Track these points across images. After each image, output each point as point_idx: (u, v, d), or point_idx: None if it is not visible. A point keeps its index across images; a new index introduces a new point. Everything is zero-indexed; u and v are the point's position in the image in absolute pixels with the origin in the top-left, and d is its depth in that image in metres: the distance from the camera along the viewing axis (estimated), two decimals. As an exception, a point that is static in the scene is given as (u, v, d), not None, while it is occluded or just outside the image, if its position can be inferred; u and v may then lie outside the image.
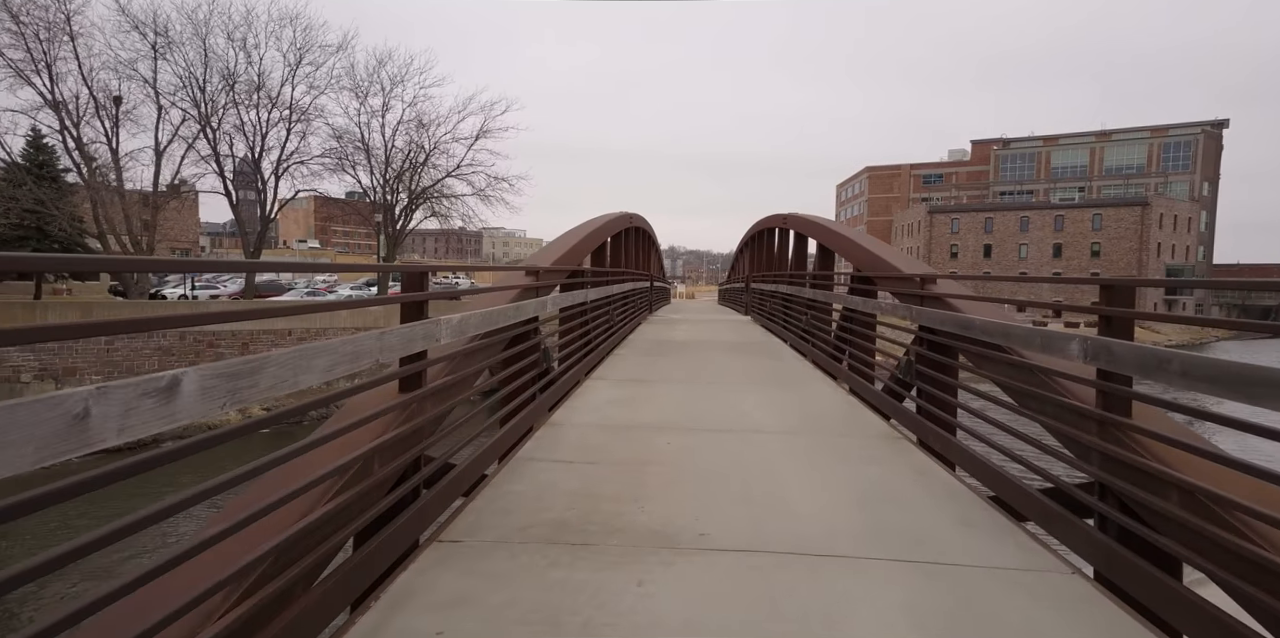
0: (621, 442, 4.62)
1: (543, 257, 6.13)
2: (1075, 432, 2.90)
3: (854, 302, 6.88)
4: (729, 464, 4.12)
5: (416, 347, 2.61)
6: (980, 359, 3.95)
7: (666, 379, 7.38)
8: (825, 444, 4.71)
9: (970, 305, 4.33)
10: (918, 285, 5.05)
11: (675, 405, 5.91)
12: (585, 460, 4.14)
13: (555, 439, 4.66)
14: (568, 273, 6.58)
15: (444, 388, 3.10)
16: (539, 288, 5.06)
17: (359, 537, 2.60)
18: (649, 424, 5.15)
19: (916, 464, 4.24)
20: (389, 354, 2.31)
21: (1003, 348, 3.62)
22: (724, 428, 5.10)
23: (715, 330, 13.83)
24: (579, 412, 5.61)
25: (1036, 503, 3.13)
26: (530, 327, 4.92)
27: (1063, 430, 3.00)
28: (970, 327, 3.92)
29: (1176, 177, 71.37)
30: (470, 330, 3.29)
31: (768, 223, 15.19)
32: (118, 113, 25.97)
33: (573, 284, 7.09)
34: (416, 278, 2.75)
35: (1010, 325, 3.46)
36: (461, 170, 35.39)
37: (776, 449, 4.50)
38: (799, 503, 3.45)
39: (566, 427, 5.05)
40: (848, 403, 6.25)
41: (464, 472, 3.39)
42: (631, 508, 3.31)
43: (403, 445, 2.66)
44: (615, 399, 6.19)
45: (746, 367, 8.47)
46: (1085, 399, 2.90)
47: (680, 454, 4.33)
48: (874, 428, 5.26)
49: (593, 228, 8.29)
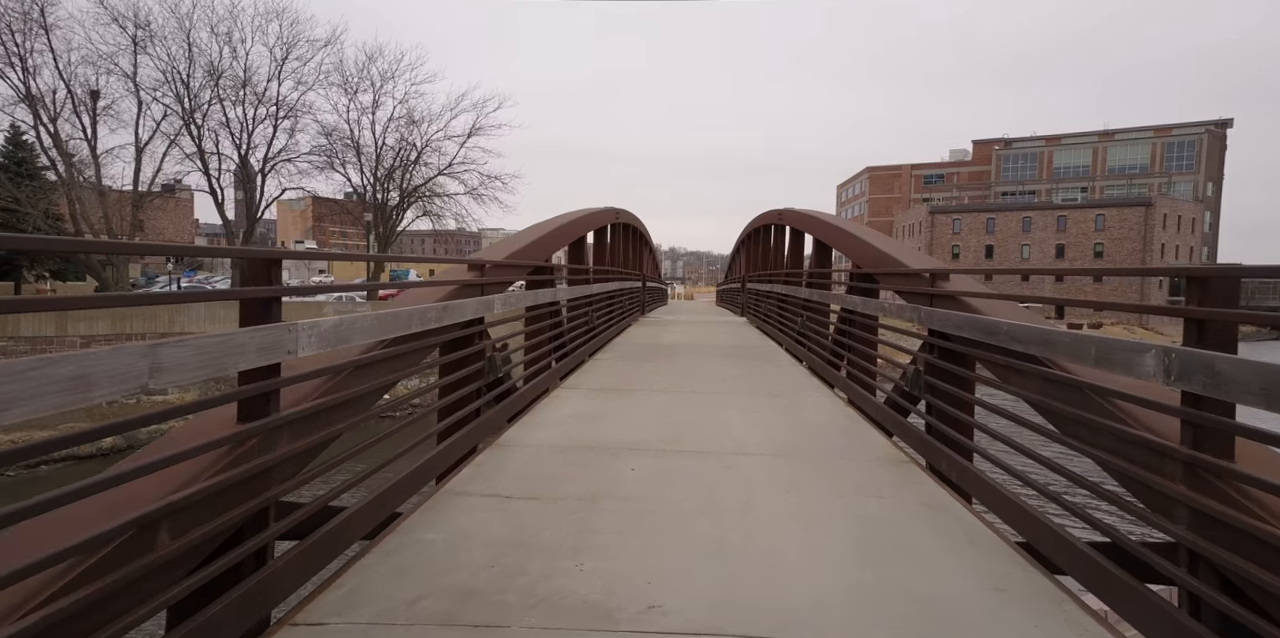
0: (577, 468, 3.89)
1: (496, 250, 5.41)
2: (1147, 474, 2.17)
3: (853, 302, 6.15)
4: (702, 499, 3.39)
5: (247, 361, 1.88)
6: (1007, 372, 3.22)
7: (646, 388, 6.65)
8: (819, 470, 3.98)
9: (992, 306, 3.60)
10: (927, 282, 4.33)
11: (650, 420, 5.18)
12: (526, 495, 3.41)
13: (499, 465, 3.93)
14: (530, 268, 5.85)
15: (318, 412, 2.38)
16: (485, 285, 4.33)
17: (173, 618, 1.88)
18: (615, 445, 4.42)
19: (927, 497, 3.51)
20: (169, 378, 1.58)
21: (1039, 359, 2.89)
22: (703, 449, 4.37)
23: (708, 333, 13.11)
24: (538, 428, 4.88)
25: (1086, 560, 2.40)
26: (472, 330, 4.19)
27: (1126, 471, 2.28)
28: (995, 331, 3.19)
29: (1180, 177, 70.62)
30: (359, 337, 2.56)
31: (763, 220, 14.46)
32: (95, 108, 25.25)
33: (540, 282, 6.37)
34: (260, 267, 2.02)
35: (1051, 331, 2.73)
36: (454, 168, 34.70)
37: (761, 478, 3.78)
38: (783, 556, 2.73)
39: (517, 448, 4.32)
40: (846, 416, 5.52)
41: (358, 515, 2.66)
42: (568, 565, 2.59)
43: (237, 493, 1.94)
44: (583, 413, 5.46)
45: (737, 374, 7.74)
46: (1162, 432, 2.17)
47: (645, 485, 3.61)
48: (875, 448, 4.53)
49: (567, 220, 7.55)
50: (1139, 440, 2.23)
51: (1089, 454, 2.53)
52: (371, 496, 2.80)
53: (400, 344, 3.12)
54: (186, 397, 23.49)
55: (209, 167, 29.26)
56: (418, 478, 3.39)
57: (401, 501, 3.17)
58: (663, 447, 4.39)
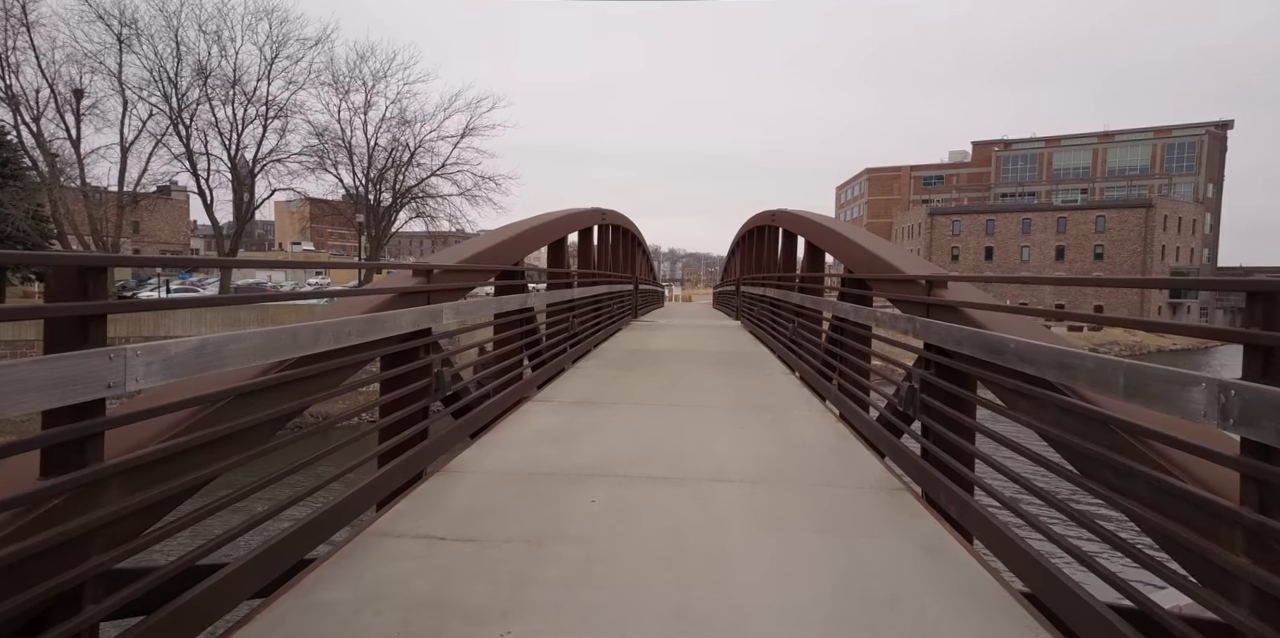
0: (530, 500, 3.45)
1: (452, 253, 4.96)
2: (1194, 537, 1.74)
3: (844, 310, 5.72)
4: (667, 542, 2.95)
5: (32, 402, 1.44)
6: (1014, 397, 2.79)
7: (624, 400, 6.21)
8: (804, 501, 3.54)
9: (998, 319, 3.17)
10: (923, 290, 3.90)
11: (623, 439, 4.75)
12: (464, 535, 2.96)
13: (440, 496, 3.49)
14: (497, 272, 5.41)
15: (178, 453, 1.94)
16: (432, 292, 3.90)
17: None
18: (579, 469, 3.98)
19: (924, 537, 3.07)
20: None
21: (1054, 385, 2.46)
22: (676, 474, 3.93)
23: (699, 338, 12.68)
24: (496, 449, 4.45)
25: (1106, 628, 1.97)
26: (417, 342, 3.76)
27: (1164, 529, 1.84)
28: (1001, 350, 2.75)
29: (1180, 178, 70.23)
30: (238, 360, 2.12)
31: (757, 221, 14.04)
32: (79, 107, 24.79)
33: (511, 287, 5.94)
34: (70, 278, 1.58)
35: (1069, 352, 2.29)
36: (447, 169, 34.25)
37: (739, 512, 3.34)
38: (757, 620, 2.29)
39: (467, 474, 3.88)
40: (837, 434, 5.08)
41: (241, 573, 2.22)
42: (490, 635, 2.15)
43: (34, 567, 1.51)
44: (551, 430, 5.02)
45: (725, 383, 7.30)
46: (1216, 485, 1.74)
47: (603, 523, 3.17)
48: (868, 472, 4.10)
49: (543, 221, 7.11)
50: (1182, 494, 1.79)
51: (1115, 503, 2.09)
52: (265, 546, 2.36)
53: (311, 363, 2.68)
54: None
55: (197, 167, 28.81)
56: (342, 513, 2.96)
57: (314, 545, 2.74)
58: (631, 471, 3.95)
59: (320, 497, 3.18)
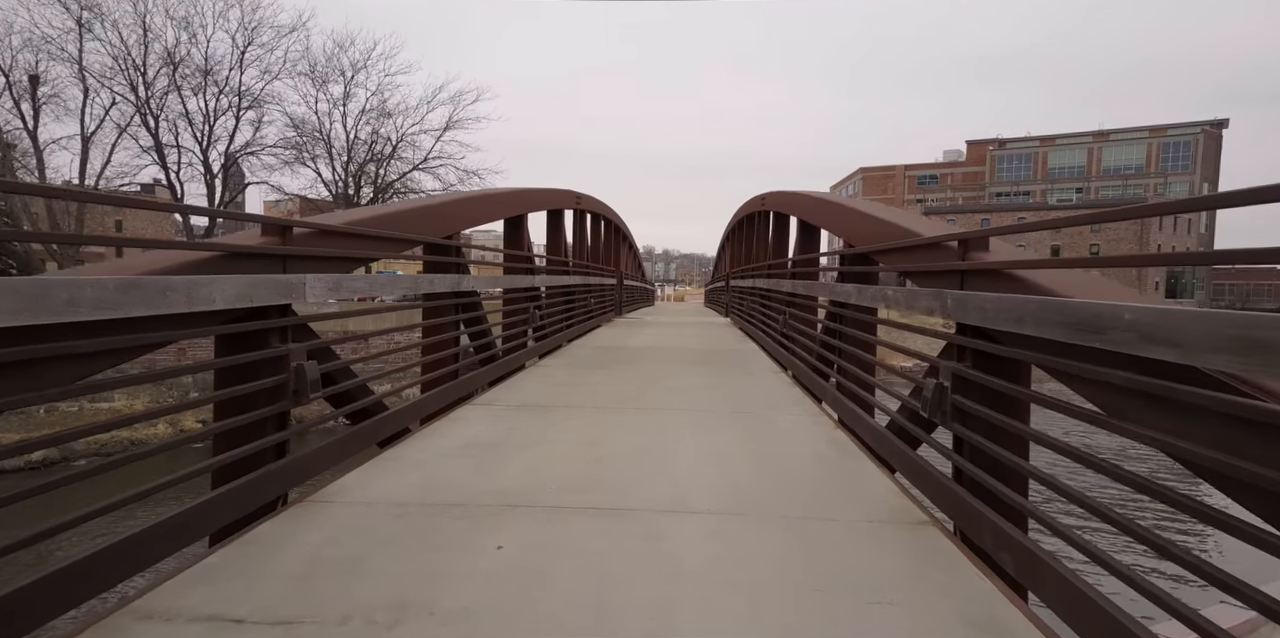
0: (407, 546, 2.44)
1: (341, 215, 3.93)
2: None
3: (844, 292, 4.72)
4: (591, 616, 1.95)
5: None
6: (1125, 398, 1.79)
7: (584, 404, 5.21)
8: (789, 543, 2.54)
9: (1077, 282, 2.18)
10: (955, 255, 2.90)
11: (566, 454, 3.74)
12: (276, 615, 1.95)
13: (283, 540, 2.47)
14: (414, 244, 4.39)
15: None
16: (289, 258, 2.88)
17: None
18: (494, 498, 2.98)
19: (964, 601, 2.08)
20: None
21: (1209, 375, 1.47)
22: (622, 504, 2.93)
23: (683, 335, 11.70)
24: (396, 468, 3.44)
25: None
26: (263, 324, 2.75)
27: None
28: (1100, 326, 1.76)
29: (1176, 177, 69.69)
30: None
31: (747, 209, 13.05)
32: (35, 94, 23.58)
33: (442, 264, 4.92)
34: None
35: (1261, 318, 1.31)
36: (429, 163, 33.16)
37: (698, 562, 2.34)
38: None
39: (335, 506, 2.86)
40: (833, 444, 4.09)
41: None
42: None
43: None
44: (481, 441, 4.02)
45: (703, 384, 6.30)
46: None
47: (504, 582, 2.16)
48: (876, 497, 3.10)
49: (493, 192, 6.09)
50: None
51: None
52: None
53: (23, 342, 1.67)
54: (136, 405, 21.90)
55: (166, 160, 27.62)
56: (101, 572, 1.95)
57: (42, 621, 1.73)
58: (564, 500, 2.95)
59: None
